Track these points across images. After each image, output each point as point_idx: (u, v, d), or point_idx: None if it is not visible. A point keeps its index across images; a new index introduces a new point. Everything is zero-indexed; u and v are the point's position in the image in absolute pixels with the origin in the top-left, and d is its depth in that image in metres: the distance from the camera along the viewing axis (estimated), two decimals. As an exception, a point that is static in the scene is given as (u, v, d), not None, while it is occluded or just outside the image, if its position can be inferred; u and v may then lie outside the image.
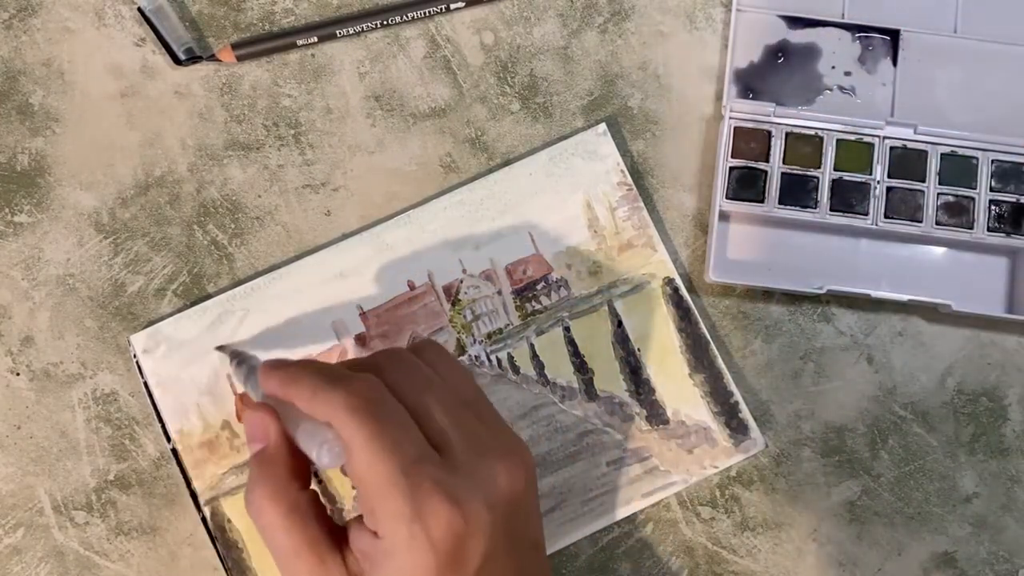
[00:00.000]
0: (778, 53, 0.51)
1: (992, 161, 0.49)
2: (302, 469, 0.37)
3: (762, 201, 0.49)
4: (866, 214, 0.49)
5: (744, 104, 0.49)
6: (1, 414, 0.48)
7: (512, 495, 0.35)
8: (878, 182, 0.49)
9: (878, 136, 0.49)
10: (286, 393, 0.36)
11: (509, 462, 0.35)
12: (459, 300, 0.48)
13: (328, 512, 0.37)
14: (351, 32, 0.50)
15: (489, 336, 0.48)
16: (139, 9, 0.50)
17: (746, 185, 0.49)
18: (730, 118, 0.49)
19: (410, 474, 0.33)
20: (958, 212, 0.49)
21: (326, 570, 0.34)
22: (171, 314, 0.48)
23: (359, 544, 0.34)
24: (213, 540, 0.47)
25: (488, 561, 0.33)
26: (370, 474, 0.33)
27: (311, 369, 0.36)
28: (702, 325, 0.48)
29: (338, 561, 0.35)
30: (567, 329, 0.48)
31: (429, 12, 0.50)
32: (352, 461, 0.33)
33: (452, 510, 0.33)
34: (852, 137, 0.49)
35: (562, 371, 0.48)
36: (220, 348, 0.47)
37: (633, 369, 0.48)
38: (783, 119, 0.49)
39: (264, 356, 0.47)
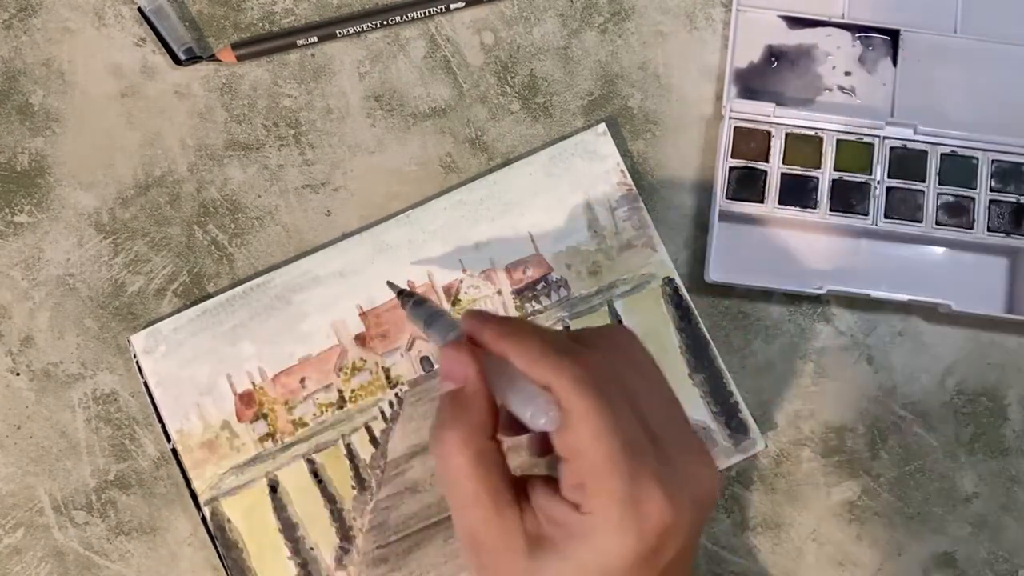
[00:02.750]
0: (778, 53, 0.51)
1: (992, 161, 0.49)
2: (494, 418, 0.35)
3: (762, 201, 0.49)
4: (866, 214, 0.49)
5: (744, 104, 0.49)
6: (1, 414, 0.48)
7: (710, 497, 0.34)
8: (878, 182, 0.49)
9: (878, 136, 0.49)
10: (504, 348, 0.35)
11: (710, 463, 0.35)
12: (459, 300, 0.48)
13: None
14: (351, 32, 0.50)
15: (489, 336, 0.48)
16: (139, 9, 0.50)
17: (746, 185, 0.49)
18: (730, 118, 0.49)
19: (632, 457, 0.32)
20: (958, 212, 0.49)
21: (502, 522, 0.34)
22: (171, 314, 0.48)
23: (552, 511, 0.33)
24: (213, 540, 0.47)
25: (678, 557, 0.33)
26: (592, 448, 0.32)
27: (537, 330, 0.35)
28: (702, 325, 0.48)
29: (516, 516, 0.34)
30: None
31: (429, 12, 0.50)
32: (571, 432, 0.33)
33: (666, 502, 0.32)
34: (852, 137, 0.49)
35: (562, 371, 0.48)
36: (389, 284, 0.43)
37: (633, 369, 0.48)
38: (783, 119, 0.49)
39: (265, 356, 0.47)
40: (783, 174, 0.49)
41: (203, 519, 0.47)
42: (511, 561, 0.33)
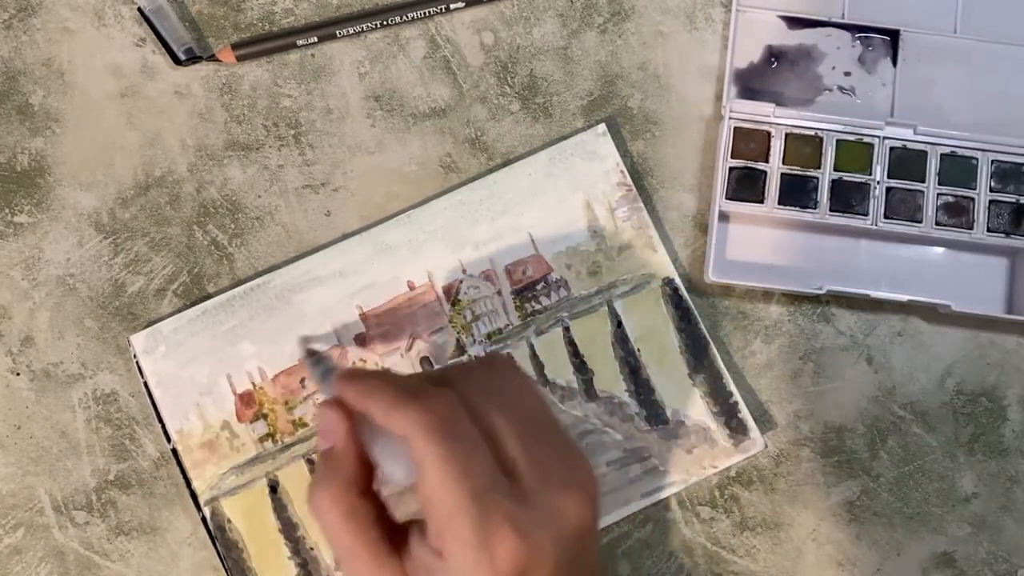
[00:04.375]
0: (778, 53, 0.51)
1: (992, 161, 0.49)
2: (366, 474, 0.36)
3: (762, 201, 0.49)
4: (866, 214, 0.49)
5: (744, 104, 0.49)
6: (1, 414, 0.48)
7: (579, 529, 0.34)
8: (878, 182, 0.49)
9: (878, 136, 0.49)
10: (363, 405, 0.36)
11: (577, 495, 0.35)
12: (459, 300, 0.48)
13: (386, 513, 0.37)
14: (351, 32, 0.50)
15: (489, 336, 0.48)
16: (139, 9, 0.50)
17: (746, 185, 0.49)
18: (730, 118, 0.49)
19: (480, 501, 0.33)
20: (958, 212, 0.49)
21: (382, 572, 0.34)
22: (171, 314, 0.48)
23: (422, 557, 0.34)
24: (213, 540, 0.47)
25: None
26: (440, 496, 0.33)
27: (388, 382, 0.36)
28: (702, 325, 0.48)
29: (396, 564, 0.35)
30: (567, 329, 0.48)
31: (429, 12, 0.50)
32: (423, 480, 0.33)
33: (519, 543, 0.33)
34: (852, 137, 0.49)
35: (562, 371, 0.48)
36: (302, 340, 0.47)
37: (633, 369, 0.48)
38: (783, 119, 0.49)
39: (265, 356, 0.48)
40: (783, 174, 0.49)
41: (203, 519, 0.47)
42: None
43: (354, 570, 0.35)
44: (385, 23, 0.50)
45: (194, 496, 0.47)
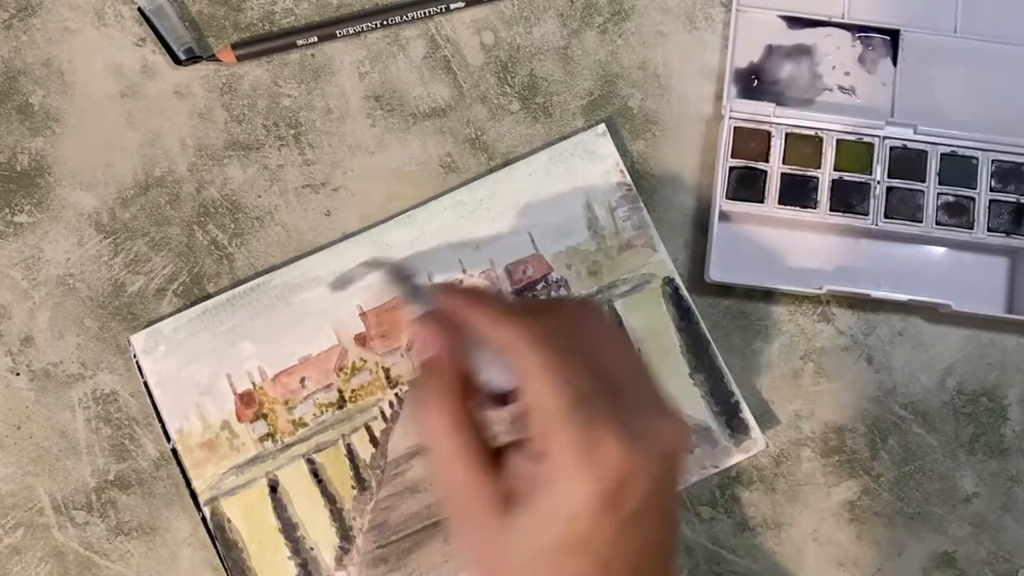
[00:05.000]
0: (778, 53, 0.51)
1: (992, 161, 0.49)
2: (467, 385, 0.37)
3: (762, 201, 0.49)
4: (866, 214, 0.49)
5: (744, 104, 0.49)
6: (1, 414, 0.48)
7: (676, 450, 0.35)
8: (878, 182, 0.49)
9: (878, 136, 0.49)
10: (467, 315, 0.36)
11: (674, 422, 0.35)
12: (459, 300, 0.48)
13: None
14: (351, 32, 0.50)
15: (489, 336, 0.48)
16: (139, 9, 0.50)
17: (746, 185, 0.49)
18: (730, 118, 0.49)
19: (585, 405, 0.33)
20: (958, 212, 0.49)
21: (476, 481, 0.34)
22: (171, 314, 0.48)
23: (518, 467, 0.34)
24: (213, 540, 0.47)
25: (643, 509, 0.33)
26: (545, 400, 0.33)
27: (495, 297, 0.36)
28: (702, 325, 0.48)
29: (488, 475, 0.34)
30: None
31: (429, 12, 0.50)
32: (527, 388, 0.34)
33: (622, 447, 0.32)
34: (852, 137, 0.49)
35: (562, 371, 0.48)
36: (370, 264, 0.47)
37: (633, 369, 0.48)
38: (783, 119, 0.49)
39: (265, 356, 0.47)
40: (783, 174, 0.49)
41: (203, 519, 0.47)
42: (485, 518, 0.34)
43: (448, 478, 0.35)
44: (385, 23, 0.50)
45: (194, 496, 0.47)
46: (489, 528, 0.34)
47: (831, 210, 0.49)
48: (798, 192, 0.49)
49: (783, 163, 0.49)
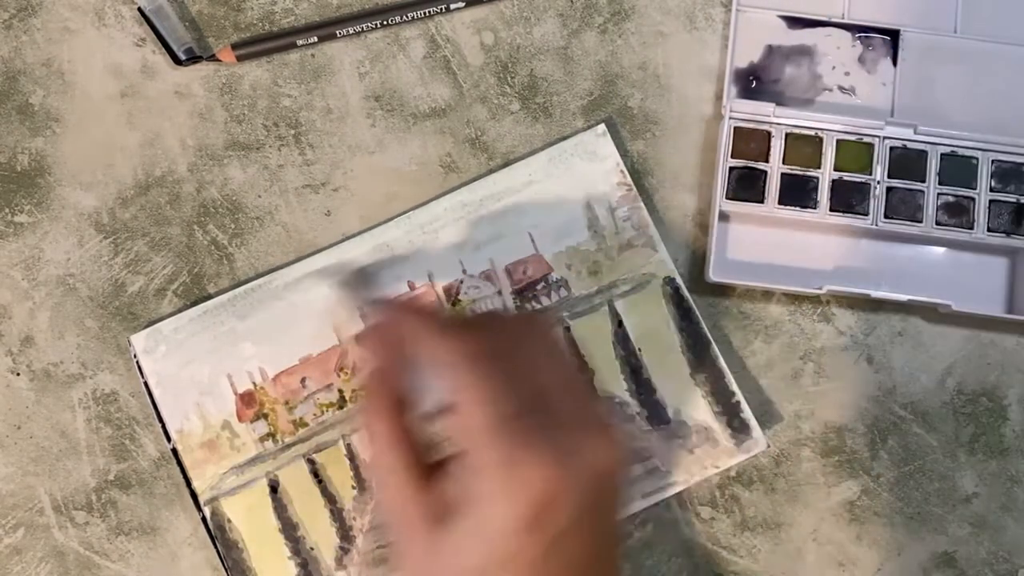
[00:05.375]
0: (778, 53, 0.51)
1: (992, 161, 0.49)
2: (407, 399, 0.37)
3: (762, 201, 0.49)
4: (866, 214, 0.49)
5: (744, 104, 0.49)
6: (1, 414, 0.48)
7: (607, 469, 0.34)
8: (878, 182, 0.49)
9: (878, 136, 0.49)
10: (404, 329, 0.37)
11: (608, 440, 0.35)
12: (459, 300, 0.48)
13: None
14: (351, 32, 0.50)
15: (489, 336, 0.48)
16: (139, 9, 0.50)
17: (746, 185, 0.49)
18: (730, 118, 0.49)
19: (510, 424, 0.33)
20: (958, 212, 0.49)
21: (415, 494, 0.35)
22: (171, 314, 0.48)
23: (452, 482, 0.34)
24: (213, 540, 0.47)
25: (572, 529, 0.33)
26: (471, 420, 0.33)
27: (433, 312, 0.36)
28: (703, 325, 0.48)
29: (426, 488, 0.35)
30: (567, 329, 0.48)
31: (429, 12, 0.50)
32: (458, 407, 0.34)
33: (547, 466, 0.32)
34: (852, 137, 0.49)
35: (562, 371, 0.48)
36: (331, 271, 0.47)
37: (634, 369, 0.48)
38: (783, 119, 0.49)
39: (265, 356, 0.47)
40: (783, 174, 0.49)
41: (203, 519, 0.47)
42: (417, 533, 0.34)
43: (391, 491, 0.35)
44: (385, 23, 0.50)
45: (194, 496, 0.47)
46: (421, 543, 0.34)
47: (831, 210, 0.49)
48: (798, 192, 0.49)
49: (783, 163, 0.49)
